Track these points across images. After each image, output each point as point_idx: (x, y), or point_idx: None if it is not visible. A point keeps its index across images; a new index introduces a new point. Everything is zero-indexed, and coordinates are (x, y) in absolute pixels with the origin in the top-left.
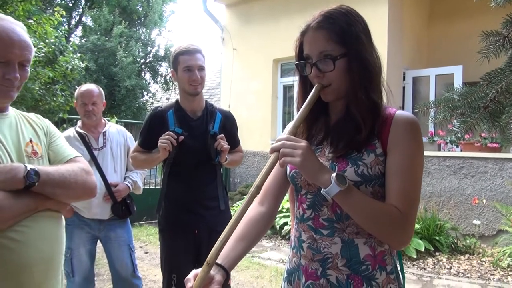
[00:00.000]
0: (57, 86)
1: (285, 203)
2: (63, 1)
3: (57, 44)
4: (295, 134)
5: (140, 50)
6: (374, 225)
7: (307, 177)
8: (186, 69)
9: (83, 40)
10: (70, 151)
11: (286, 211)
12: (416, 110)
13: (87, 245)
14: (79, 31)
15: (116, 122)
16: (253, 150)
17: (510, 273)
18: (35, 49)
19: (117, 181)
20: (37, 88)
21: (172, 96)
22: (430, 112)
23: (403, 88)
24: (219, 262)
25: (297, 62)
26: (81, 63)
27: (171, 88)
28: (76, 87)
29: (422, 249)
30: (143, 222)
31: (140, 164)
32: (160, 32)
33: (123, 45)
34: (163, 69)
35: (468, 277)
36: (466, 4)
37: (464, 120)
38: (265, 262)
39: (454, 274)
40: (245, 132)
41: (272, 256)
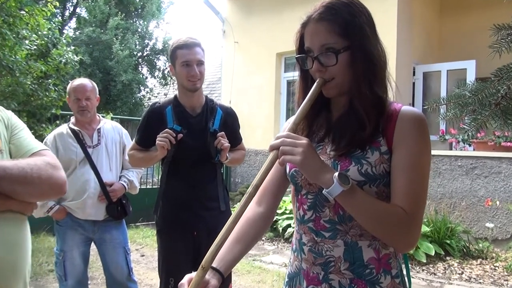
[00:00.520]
0: (49, 80)
1: (288, 204)
2: None
3: (50, 36)
4: (295, 131)
5: (137, 43)
6: (378, 226)
7: (308, 176)
8: (184, 64)
9: (77, 33)
10: (35, 144)
11: (290, 213)
12: (425, 107)
13: (81, 247)
14: (73, 23)
15: (112, 119)
16: (255, 148)
17: None
18: (27, 42)
19: (112, 180)
20: (29, 83)
21: (170, 91)
22: (440, 109)
23: (413, 83)
24: (214, 265)
25: (297, 56)
26: (75, 56)
27: (169, 83)
28: (70, 81)
29: (432, 253)
30: (139, 224)
31: (137, 163)
32: (158, 24)
33: (119, 37)
34: (161, 63)
35: (480, 282)
36: None
37: (475, 118)
38: (267, 266)
39: (466, 280)
40: (247, 129)
41: (275, 259)
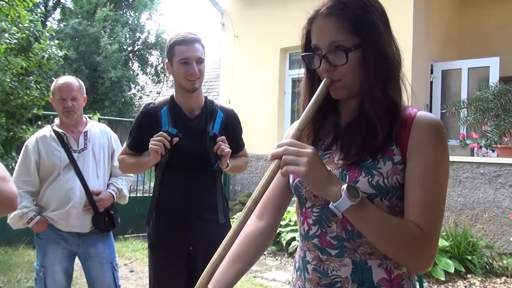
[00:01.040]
0: (31, 77)
1: (293, 215)
2: None
3: (31, 29)
4: (300, 138)
5: (128, 36)
6: (390, 245)
7: (313, 189)
8: (182, 62)
9: (61, 25)
10: None
11: (294, 224)
12: (443, 111)
13: (63, 262)
14: (57, 14)
15: (99, 120)
16: (257, 153)
17: None
18: (6, 35)
19: (99, 188)
20: (8, 80)
21: (163, 89)
22: (460, 112)
23: (431, 82)
24: (210, 287)
25: (304, 54)
26: (59, 51)
27: (162, 80)
28: (53, 78)
29: (452, 270)
30: (129, 236)
31: (128, 169)
32: (150, 16)
33: (108, 30)
34: (153, 58)
35: None
36: None
37: (498, 124)
38: (269, 283)
39: None
40: (248, 132)
41: (277, 276)
